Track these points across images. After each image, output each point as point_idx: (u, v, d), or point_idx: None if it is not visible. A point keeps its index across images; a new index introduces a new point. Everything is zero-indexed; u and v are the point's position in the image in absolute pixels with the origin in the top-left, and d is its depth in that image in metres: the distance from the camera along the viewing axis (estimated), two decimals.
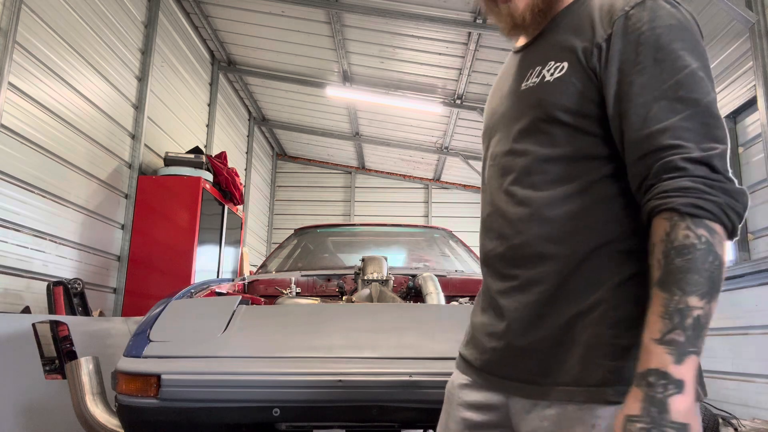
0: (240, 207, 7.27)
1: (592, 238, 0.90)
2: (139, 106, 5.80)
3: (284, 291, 2.94)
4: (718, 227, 0.78)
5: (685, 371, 0.75)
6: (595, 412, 0.84)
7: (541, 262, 0.92)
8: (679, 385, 0.74)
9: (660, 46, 0.86)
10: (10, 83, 3.87)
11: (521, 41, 1.09)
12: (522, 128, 0.97)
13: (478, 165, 8.26)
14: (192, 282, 5.41)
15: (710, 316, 0.77)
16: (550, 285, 0.91)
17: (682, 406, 0.74)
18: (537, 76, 0.97)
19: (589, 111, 0.91)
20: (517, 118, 0.99)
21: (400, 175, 11.60)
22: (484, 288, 1.06)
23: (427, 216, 11.33)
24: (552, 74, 0.94)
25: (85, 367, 1.93)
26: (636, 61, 0.87)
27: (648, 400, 0.75)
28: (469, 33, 6.47)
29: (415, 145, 10.06)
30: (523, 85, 1.00)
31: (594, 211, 0.91)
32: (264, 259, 4.83)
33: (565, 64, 0.93)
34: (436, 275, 2.90)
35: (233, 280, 3.19)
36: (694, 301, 0.76)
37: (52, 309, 3.81)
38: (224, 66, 8.25)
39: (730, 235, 0.80)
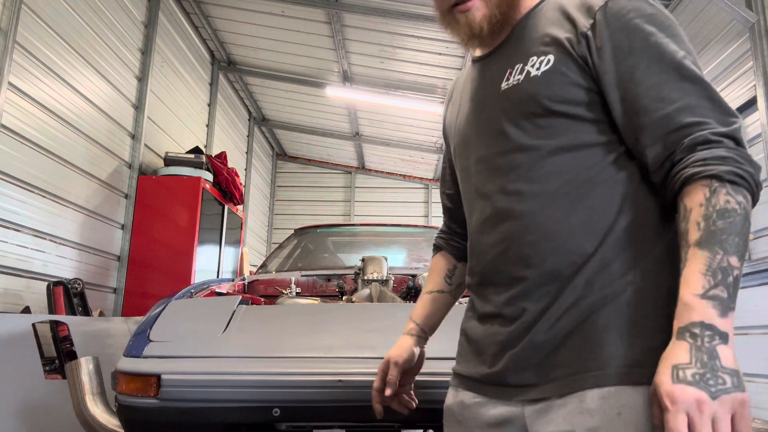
0: (240, 207, 7.27)
1: (609, 221, 0.89)
2: (139, 106, 5.80)
3: (284, 291, 2.94)
4: (749, 196, 0.82)
5: (729, 325, 0.76)
6: (616, 399, 0.82)
7: (561, 253, 0.89)
8: (724, 337, 0.75)
9: (650, 32, 0.88)
10: (10, 83, 3.88)
11: (478, 52, 1.08)
12: (516, 125, 0.95)
13: None
14: (192, 282, 5.41)
15: (741, 277, 0.79)
16: (571, 275, 0.88)
17: (730, 355, 0.74)
18: (520, 73, 0.95)
19: (587, 98, 0.91)
20: (506, 116, 0.97)
21: (400, 175, 11.60)
22: (484, 299, 1.00)
23: (427, 216, 11.32)
24: (538, 68, 0.93)
25: (85, 367, 1.93)
26: (630, 46, 0.88)
27: (696, 349, 0.74)
28: None
29: (415, 145, 10.05)
30: (503, 85, 0.98)
31: (609, 193, 0.90)
32: (264, 259, 4.83)
33: (551, 57, 0.92)
34: None
35: (233, 280, 3.18)
36: (734, 261, 0.78)
37: (52, 309, 3.81)
38: (224, 66, 8.25)
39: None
